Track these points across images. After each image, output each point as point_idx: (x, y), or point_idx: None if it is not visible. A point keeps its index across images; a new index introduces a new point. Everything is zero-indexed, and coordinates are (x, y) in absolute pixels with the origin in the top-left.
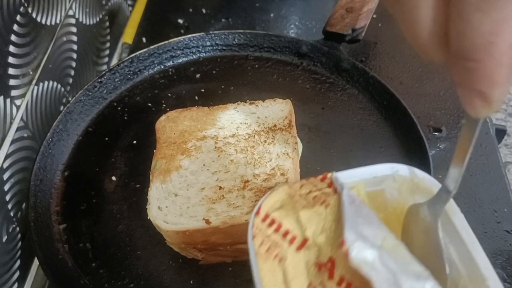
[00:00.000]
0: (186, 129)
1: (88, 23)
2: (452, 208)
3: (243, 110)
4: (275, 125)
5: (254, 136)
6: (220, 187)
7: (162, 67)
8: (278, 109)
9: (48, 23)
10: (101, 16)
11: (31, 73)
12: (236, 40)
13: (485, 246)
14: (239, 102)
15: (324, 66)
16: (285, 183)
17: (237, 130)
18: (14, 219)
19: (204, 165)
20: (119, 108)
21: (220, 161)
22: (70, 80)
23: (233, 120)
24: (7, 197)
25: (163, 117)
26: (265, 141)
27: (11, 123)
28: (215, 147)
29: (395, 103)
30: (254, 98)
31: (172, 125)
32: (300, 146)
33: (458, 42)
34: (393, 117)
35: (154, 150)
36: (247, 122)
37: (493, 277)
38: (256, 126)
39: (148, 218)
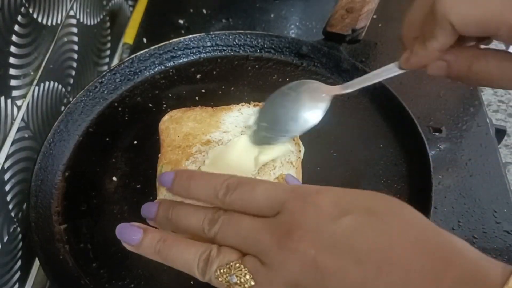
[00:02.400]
0: (190, 131)
1: (89, 23)
2: None
3: (247, 113)
4: None
5: None
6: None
7: (163, 67)
8: None
9: (49, 23)
10: (102, 17)
11: (32, 73)
12: (236, 41)
13: (485, 246)
14: (243, 103)
15: (324, 67)
16: None
17: (241, 134)
18: (15, 220)
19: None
20: (119, 109)
21: (224, 168)
22: (71, 81)
23: (237, 123)
24: (8, 198)
25: (166, 117)
26: None
27: (12, 123)
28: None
29: (395, 103)
30: (255, 99)
31: (175, 126)
32: (302, 150)
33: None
34: (393, 117)
35: (159, 155)
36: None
37: None
38: None
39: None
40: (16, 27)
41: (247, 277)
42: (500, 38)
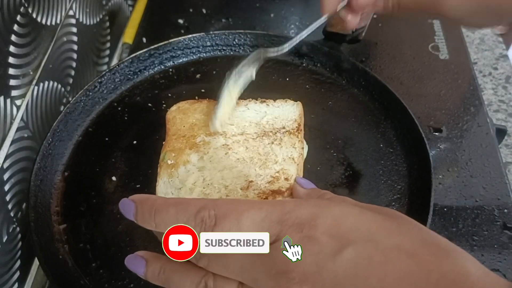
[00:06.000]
0: (196, 122)
1: (88, 23)
2: None
3: (254, 108)
4: (283, 127)
5: (262, 136)
6: (225, 185)
7: (162, 67)
8: (289, 111)
9: (48, 23)
10: (101, 16)
11: (31, 73)
12: (236, 40)
13: (485, 246)
14: (250, 99)
15: (325, 66)
16: None
17: (246, 128)
18: (14, 219)
19: (211, 161)
20: (119, 108)
21: (227, 159)
22: (70, 80)
23: (243, 117)
24: (7, 197)
25: (174, 107)
26: (273, 143)
27: (11, 123)
28: (223, 144)
29: (395, 103)
30: (255, 98)
31: (182, 116)
32: (305, 148)
33: None
34: (393, 117)
35: (163, 142)
36: (257, 121)
37: None
38: (265, 126)
39: None
40: (16, 27)
41: None
42: None
